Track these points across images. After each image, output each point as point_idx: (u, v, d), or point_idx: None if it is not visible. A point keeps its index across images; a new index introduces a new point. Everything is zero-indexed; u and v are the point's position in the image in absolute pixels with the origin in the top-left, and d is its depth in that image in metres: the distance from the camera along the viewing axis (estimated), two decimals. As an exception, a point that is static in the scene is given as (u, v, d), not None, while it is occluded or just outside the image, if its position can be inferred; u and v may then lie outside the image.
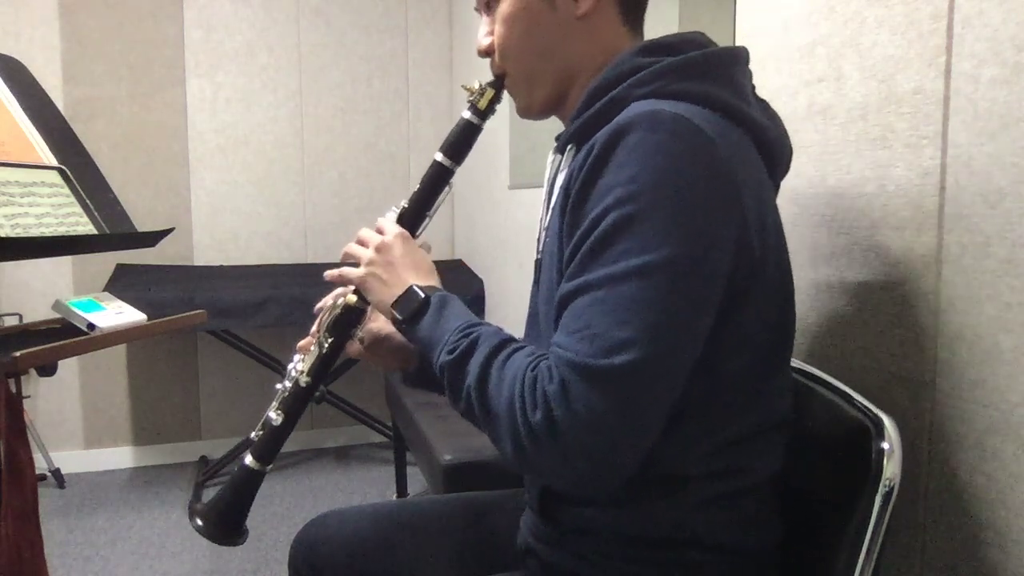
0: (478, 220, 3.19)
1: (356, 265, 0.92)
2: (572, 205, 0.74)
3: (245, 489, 0.99)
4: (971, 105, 0.85)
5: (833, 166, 1.07)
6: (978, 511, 0.85)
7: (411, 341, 0.87)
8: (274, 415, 0.98)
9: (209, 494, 2.77)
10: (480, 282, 3.11)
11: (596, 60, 0.85)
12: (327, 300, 1.01)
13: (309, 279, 2.90)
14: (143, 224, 1.48)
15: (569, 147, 0.86)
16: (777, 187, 0.88)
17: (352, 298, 0.96)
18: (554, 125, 0.92)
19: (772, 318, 0.78)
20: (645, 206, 0.67)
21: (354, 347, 1.02)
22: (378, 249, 0.91)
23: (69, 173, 1.36)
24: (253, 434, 1.00)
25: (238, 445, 2.94)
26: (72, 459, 3.03)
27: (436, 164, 0.97)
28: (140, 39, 3.03)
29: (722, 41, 0.86)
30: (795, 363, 0.98)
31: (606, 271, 0.68)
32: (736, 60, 0.83)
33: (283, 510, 2.66)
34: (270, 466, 1.00)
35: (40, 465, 2.75)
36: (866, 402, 0.83)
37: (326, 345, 0.98)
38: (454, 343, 0.78)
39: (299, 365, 1.00)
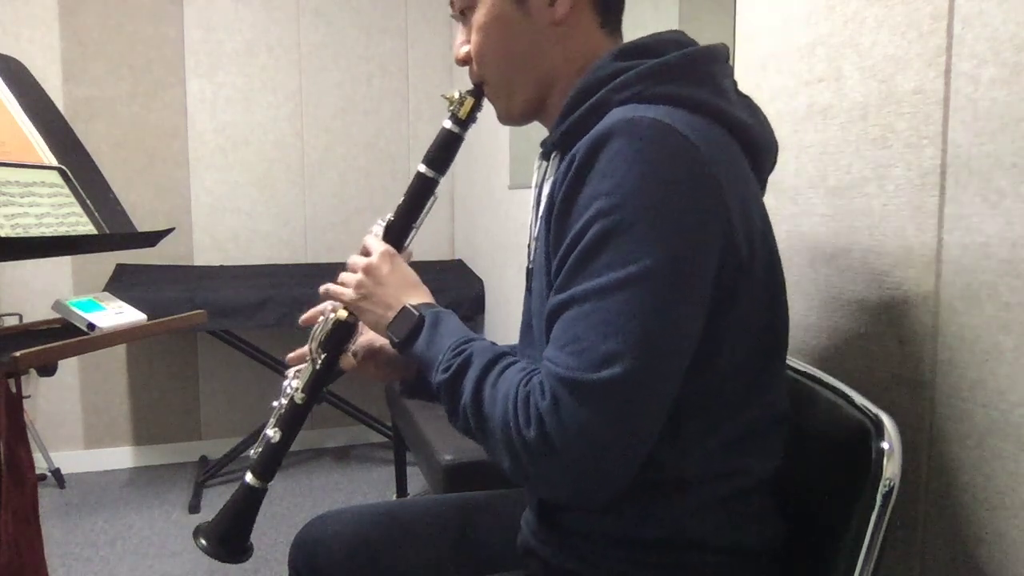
0: (478, 220, 3.19)
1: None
2: (556, 217, 0.74)
3: (247, 507, 1.00)
4: (971, 105, 0.85)
5: (833, 166, 1.07)
6: (978, 511, 0.85)
7: (407, 360, 0.87)
8: (271, 432, 0.99)
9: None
10: (480, 282, 3.11)
11: (575, 65, 0.85)
12: (313, 312, 1.01)
13: (309, 279, 2.90)
14: (143, 224, 1.48)
15: (553, 155, 0.87)
16: (764, 183, 0.87)
17: (343, 313, 0.97)
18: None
19: (762, 316, 0.77)
20: (627, 216, 0.67)
21: (348, 361, 1.02)
22: (366, 271, 0.92)
23: (69, 173, 1.36)
24: (252, 451, 1.01)
25: (238, 445, 2.94)
26: (72, 459, 3.03)
27: (419, 176, 0.97)
28: (140, 39, 3.03)
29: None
30: (795, 363, 0.98)
31: (592, 284, 0.68)
32: (715, 58, 0.81)
33: (283, 510, 2.66)
34: (271, 482, 1.00)
35: (40, 465, 2.75)
36: (866, 402, 0.83)
37: (319, 361, 0.99)
38: (448, 361, 0.79)
39: (293, 382, 1.00)
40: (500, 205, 2.87)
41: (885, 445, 0.77)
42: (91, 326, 1.26)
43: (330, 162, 3.30)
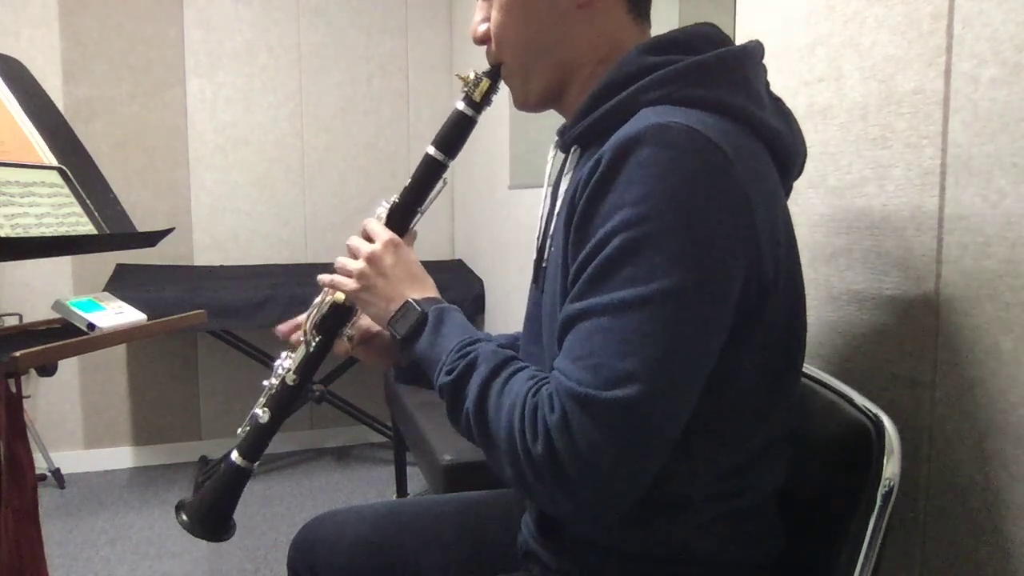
0: (478, 220, 3.19)
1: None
2: (577, 221, 0.70)
3: (231, 486, 0.99)
4: (971, 105, 0.85)
5: (833, 166, 1.07)
6: (978, 511, 0.85)
7: (410, 357, 0.85)
8: (260, 412, 0.98)
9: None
10: (480, 282, 3.11)
11: (598, 52, 0.81)
12: (290, 325, 1.00)
13: (309, 279, 2.88)
14: (143, 224, 1.48)
15: (573, 149, 0.84)
16: (790, 190, 0.85)
17: (340, 296, 0.94)
18: (556, 122, 0.89)
19: (781, 335, 0.75)
20: (653, 230, 0.64)
21: (343, 346, 1.00)
22: (369, 260, 0.89)
23: (69, 173, 1.36)
24: (239, 430, 1.00)
25: (238, 445, 2.94)
26: (72, 459, 3.03)
27: (428, 158, 0.93)
28: (140, 39, 3.03)
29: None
30: (795, 363, 0.98)
31: (611, 297, 0.65)
32: (749, 59, 0.78)
33: (283, 510, 2.66)
34: (257, 463, 0.99)
35: (40, 465, 2.75)
36: (866, 402, 0.83)
37: (313, 344, 0.97)
38: (452, 363, 0.77)
39: (286, 363, 0.99)
40: (500, 205, 2.87)
41: (885, 445, 0.77)
42: (91, 326, 1.26)
43: (330, 162, 3.30)
